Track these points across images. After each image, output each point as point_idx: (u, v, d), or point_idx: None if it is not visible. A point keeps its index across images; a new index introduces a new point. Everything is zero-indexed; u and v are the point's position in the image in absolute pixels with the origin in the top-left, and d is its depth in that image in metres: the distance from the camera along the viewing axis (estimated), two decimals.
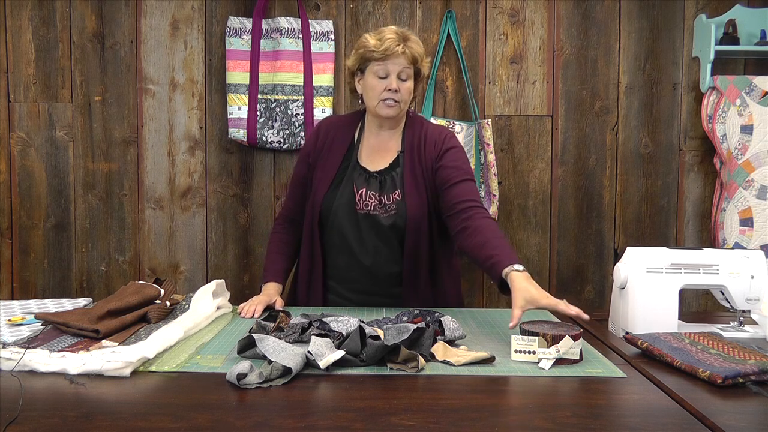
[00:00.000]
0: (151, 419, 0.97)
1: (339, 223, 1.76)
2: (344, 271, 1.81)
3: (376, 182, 1.76)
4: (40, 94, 2.67)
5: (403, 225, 1.73)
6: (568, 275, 2.76)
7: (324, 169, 1.80)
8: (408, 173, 1.76)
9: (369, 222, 1.75)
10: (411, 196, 1.74)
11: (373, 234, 1.75)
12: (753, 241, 2.60)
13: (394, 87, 1.70)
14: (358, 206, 1.75)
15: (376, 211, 1.74)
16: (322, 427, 0.95)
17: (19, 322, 1.47)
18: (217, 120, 2.69)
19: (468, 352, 1.27)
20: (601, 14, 2.69)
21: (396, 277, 1.78)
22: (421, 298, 1.78)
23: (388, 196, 1.75)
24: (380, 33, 1.72)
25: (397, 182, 1.76)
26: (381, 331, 1.28)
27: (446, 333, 1.35)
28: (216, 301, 1.60)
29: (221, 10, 2.67)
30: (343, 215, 1.75)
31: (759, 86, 2.57)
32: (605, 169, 2.74)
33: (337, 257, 1.81)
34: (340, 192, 1.77)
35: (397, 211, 1.73)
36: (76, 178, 2.70)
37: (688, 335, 1.35)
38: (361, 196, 1.75)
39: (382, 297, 1.78)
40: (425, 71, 1.79)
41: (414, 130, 1.81)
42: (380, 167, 1.79)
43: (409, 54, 1.70)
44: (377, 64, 1.70)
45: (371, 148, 1.82)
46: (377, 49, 1.68)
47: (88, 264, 2.72)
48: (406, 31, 1.74)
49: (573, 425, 0.96)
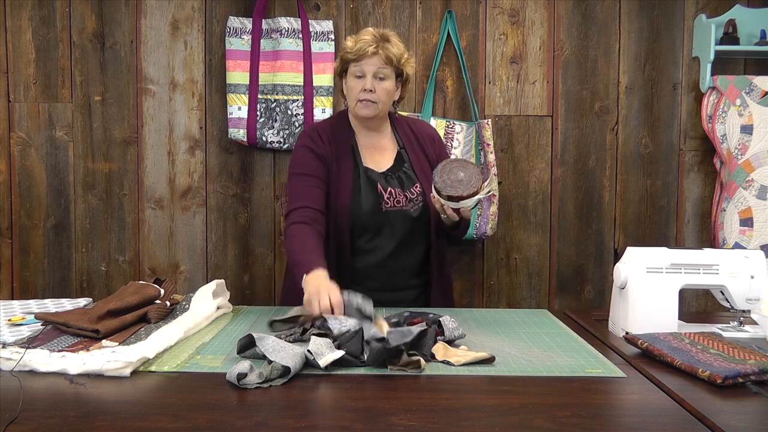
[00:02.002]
0: (151, 419, 0.97)
1: (369, 225, 1.78)
2: (374, 272, 1.80)
3: (395, 180, 1.81)
4: (40, 94, 2.67)
5: (429, 215, 1.81)
6: (568, 275, 2.76)
7: (340, 175, 1.79)
8: (418, 167, 1.84)
9: (401, 218, 1.79)
10: (427, 186, 1.81)
11: (407, 230, 1.80)
12: (753, 241, 2.60)
13: (368, 87, 1.73)
14: (389, 204, 1.78)
15: (406, 207, 1.79)
16: (322, 427, 0.95)
17: (19, 322, 1.47)
18: (217, 120, 2.69)
19: (468, 352, 1.27)
20: (601, 14, 2.69)
21: (423, 270, 1.85)
22: (442, 293, 1.87)
23: (411, 191, 1.81)
24: (358, 35, 1.78)
25: (412, 176, 1.83)
26: (385, 326, 1.29)
27: (446, 333, 1.35)
28: (216, 301, 1.60)
29: (221, 10, 2.66)
30: (372, 217, 1.77)
31: (759, 86, 2.57)
32: (605, 169, 2.74)
33: (366, 260, 1.80)
34: (363, 195, 1.78)
35: (423, 202, 1.81)
36: (76, 178, 2.70)
37: (688, 335, 1.35)
38: (391, 194, 1.79)
39: (402, 291, 1.82)
40: (408, 71, 1.81)
41: (403, 127, 1.89)
42: (386, 166, 1.83)
43: (383, 54, 1.73)
44: (354, 65, 1.75)
45: (368, 149, 1.85)
46: (351, 51, 1.75)
47: (88, 264, 2.72)
48: (387, 32, 1.78)
49: (573, 425, 0.96)
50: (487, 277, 2.75)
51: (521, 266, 2.75)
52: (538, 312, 1.71)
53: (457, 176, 1.59)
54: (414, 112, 2.64)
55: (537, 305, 2.74)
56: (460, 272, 2.74)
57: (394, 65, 1.76)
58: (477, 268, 2.75)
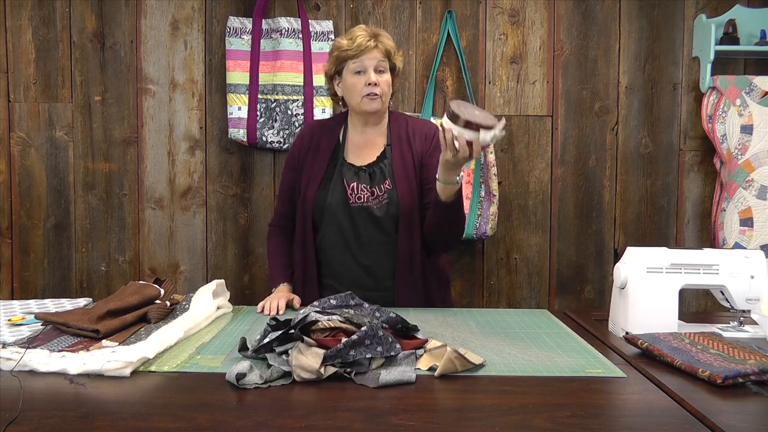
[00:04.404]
0: (151, 419, 0.97)
1: (333, 219, 1.79)
2: (339, 268, 1.82)
3: (366, 175, 1.80)
4: (40, 94, 2.67)
5: (396, 213, 1.77)
6: (568, 275, 2.76)
7: (312, 170, 1.83)
8: (397, 163, 1.80)
9: (363, 214, 1.78)
10: (402, 184, 1.77)
11: (368, 226, 1.78)
12: (753, 241, 2.60)
13: (373, 80, 1.75)
14: (351, 200, 1.78)
15: (369, 203, 1.78)
16: (322, 427, 0.95)
17: (19, 322, 1.47)
18: (217, 120, 2.69)
19: (454, 358, 1.19)
20: (601, 14, 2.70)
21: (390, 269, 1.80)
22: (412, 294, 1.80)
23: (379, 187, 1.79)
24: (350, 33, 1.79)
25: (386, 172, 1.80)
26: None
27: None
28: (216, 301, 1.60)
29: (221, 10, 2.67)
30: (337, 211, 1.78)
31: (759, 86, 2.57)
32: (605, 169, 2.74)
33: (331, 255, 1.82)
34: (331, 189, 1.79)
35: (389, 199, 1.77)
36: (76, 178, 2.70)
37: (688, 335, 1.35)
38: (353, 189, 1.78)
39: (376, 291, 1.79)
40: (399, 65, 1.84)
41: (399, 124, 1.87)
42: (367, 161, 1.82)
43: (381, 47, 1.77)
44: (353, 62, 1.76)
45: (357, 145, 1.86)
46: (350, 48, 1.75)
47: (88, 264, 2.72)
48: (375, 28, 1.82)
49: (573, 425, 0.96)
50: (487, 277, 2.75)
51: (521, 266, 2.76)
52: (538, 312, 1.71)
53: (473, 111, 1.50)
54: (414, 112, 2.64)
55: (537, 305, 2.74)
56: (460, 272, 2.74)
57: (390, 58, 1.79)
58: (477, 268, 2.76)
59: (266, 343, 1.21)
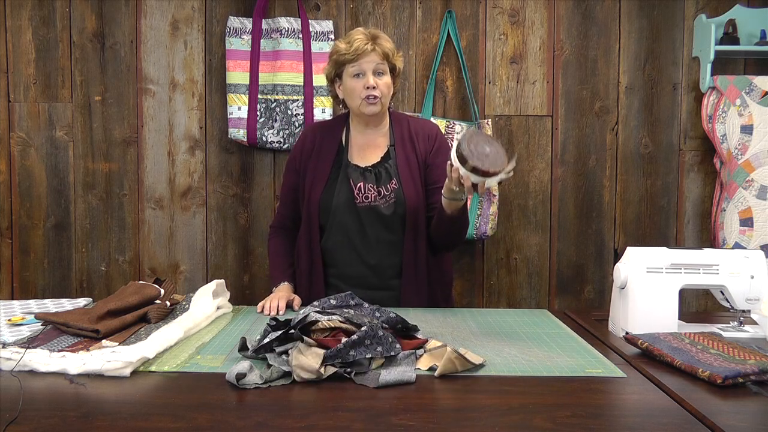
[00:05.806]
0: (151, 419, 0.97)
1: (339, 219, 1.80)
2: (346, 268, 1.83)
3: (372, 175, 1.81)
4: (40, 94, 2.67)
5: (403, 212, 1.79)
6: (568, 275, 2.76)
7: (316, 172, 1.84)
8: (402, 163, 1.82)
9: (371, 214, 1.79)
10: (407, 183, 1.79)
11: (375, 226, 1.79)
12: (753, 241, 2.60)
13: (371, 84, 1.76)
14: (358, 200, 1.79)
15: (377, 202, 1.79)
16: (322, 427, 0.95)
17: (19, 322, 1.47)
18: (217, 120, 2.69)
19: (454, 358, 1.19)
20: (601, 14, 2.70)
21: (396, 269, 1.81)
22: (417, 293, 1.81)
23: (386, 186, 1.80)
24: (349, 36, 1.80)
25: (391, 172, 1.82)
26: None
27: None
28: (216, 301, 1.60)
29: (221, 10, 2.67)
30: (343, 211, 1.79)
31: (759, 86, 2.57)
32: (605, 169, 2.74)
33: (337, 255, 1.83)
34: (336, 190, 1.80)
35: (396, 198, 1.79)
36: (76, 178, 2.70)
37: (688, 335, 1.35)
38: (360, 189, 1.79)
39: (381, 290, 1.80)
40: (399, 65, 1.85)
41: (401, 125, 1.88)
42: (372, 162, 1.83)
43: (379, 50, 1.77)
44: (351, 66, 1.77)
45: (360, 146, 1.86)
46: (348, 51, 1.76)
47: (88, 264, 2.72)
48: (374, 30, 1.82)
49: (573, 425, 0.96)
50: (487, 277, 2.75)
51: (521, 266, 2.76)
52: (538, 312, 1.71)
53: (483, 150, 1.46)
54: (414, 112, 2.64)
55: (537, 305, 2.74)
56: (460, 272, 2.74)
57: (388, 60, 1.79)
58: (477, 268, 2.76)
59: (266, 343, 1.21)
